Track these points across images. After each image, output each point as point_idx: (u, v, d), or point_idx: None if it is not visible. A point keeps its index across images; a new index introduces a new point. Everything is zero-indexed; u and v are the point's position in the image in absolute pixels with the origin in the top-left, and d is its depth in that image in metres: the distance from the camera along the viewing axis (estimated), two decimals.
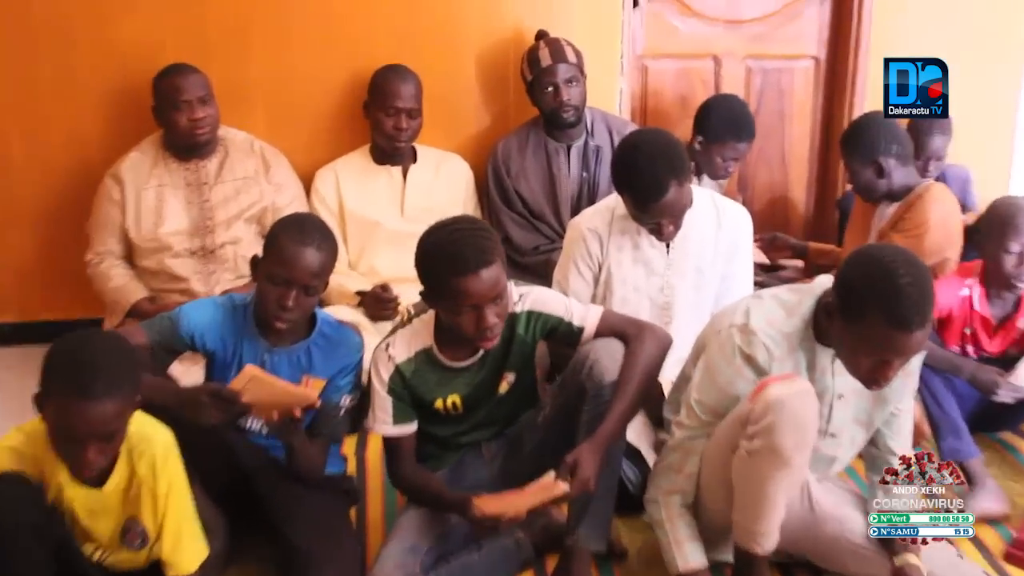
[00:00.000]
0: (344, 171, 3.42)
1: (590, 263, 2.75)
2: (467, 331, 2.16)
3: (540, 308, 2.31)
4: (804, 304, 2.12)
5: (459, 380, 2.32)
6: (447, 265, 2.11)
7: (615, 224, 2.72)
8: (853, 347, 2.00)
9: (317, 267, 2.25)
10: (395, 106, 3.30)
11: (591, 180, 3.47)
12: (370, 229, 3.38)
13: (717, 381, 2.16)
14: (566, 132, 3.45)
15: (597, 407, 2.23)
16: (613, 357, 2.25)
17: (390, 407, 2.29)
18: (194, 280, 3.21)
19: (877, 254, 2.01)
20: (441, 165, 3.48)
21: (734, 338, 2.13)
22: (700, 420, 2.20)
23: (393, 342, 2.30)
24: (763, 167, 4.07)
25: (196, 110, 3.13)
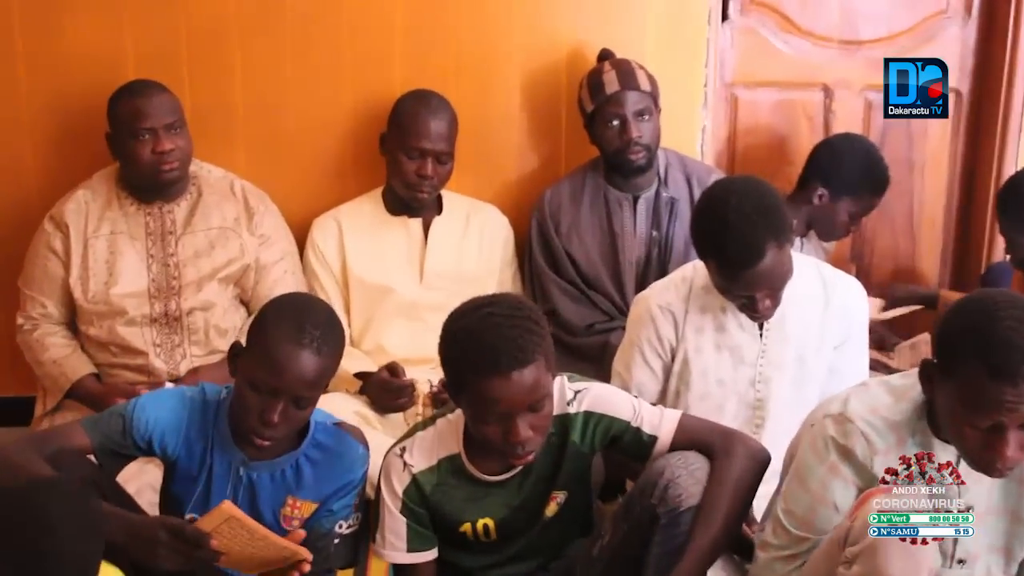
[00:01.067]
0: (349, 221, 3.48)
1: (660, 350, 2.82)
2: (494, 442, 2.21)
3: (601, 409, 2.36)
4: (916, 388, 2.18)
5: (494, 498, 2.37)
6: (472, 360, 2.16)
7: (694, 299, 2.79)
8: (955, 414, 2.05)
9: (314, 376, 2.27)
10: (419, 147, 3.36)
11: (663, 241, 3.51)
12: (379, 297, 3.44)
13: (808, 484, 2.21)
14: (633, 180, 3.51)
15: (673, 540, 2.27)
16: (695, 476, 2.29)
17: (404, 529, 2.34)
18: (153, 354, 3.26)
19: (980, 295, 2.10)
20: (472, 218, 3.55)
21: (827, 429, 2.19)
22: (789, 536, 2.24)
23: (410, 446, 2.35)
24: (884, 230, 4.13)
25: (162, 140, 3.18)
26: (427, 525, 2.36)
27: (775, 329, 2.78)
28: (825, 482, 2.19)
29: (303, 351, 2.25)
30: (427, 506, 2.34)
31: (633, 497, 2.36)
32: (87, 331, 3.30)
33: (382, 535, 2.37)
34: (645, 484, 2.33)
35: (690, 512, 2.27)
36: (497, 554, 2.44)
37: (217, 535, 2.13)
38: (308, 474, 2.40)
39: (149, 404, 2.40)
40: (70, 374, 3.25)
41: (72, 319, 3.34)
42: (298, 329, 2.27)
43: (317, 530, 2.37)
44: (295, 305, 2.41)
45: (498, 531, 2.39)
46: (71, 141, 3.53)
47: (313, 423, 2.42)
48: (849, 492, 2.18)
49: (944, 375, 2.06)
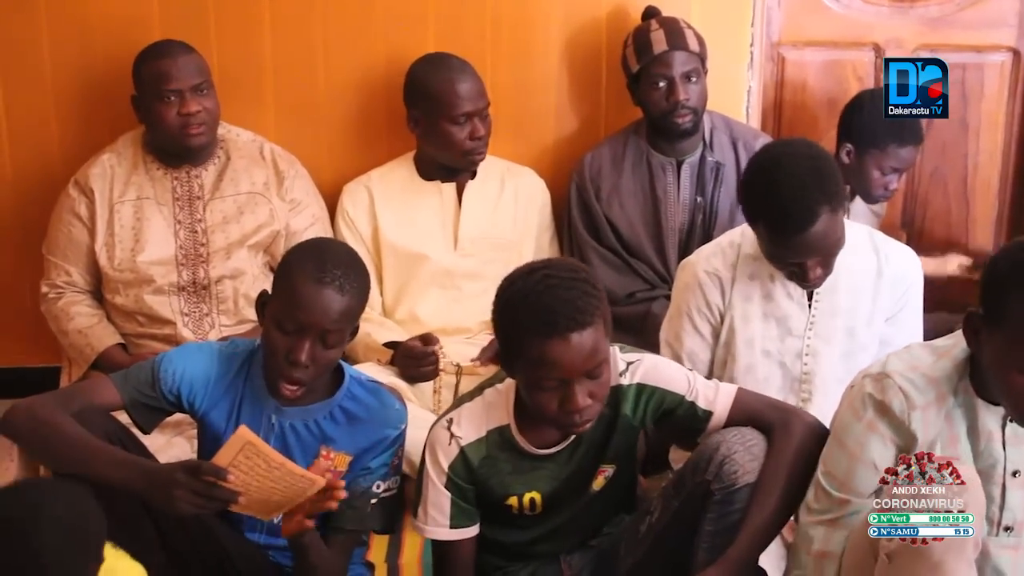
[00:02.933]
0: (381, 187, 3.46)
1: (710, 316, 2.77)
2: (548, 412, 2.17)
3: (655, 382, 2.32)
4: (960, 345, 2.13)
5: (542, 472, 2.33)
6: (528, 323, 2.12)
7: (741, 266, 2.74)
8: (1004, 362, 2.00)
9: (339, 311, 2.26)
10: (466, 112, 3.31)
11: (708, 207, 3.49)
12: (413, 264, 3.42)
13: (846, 443, 2.18)
14: (677, 143, 3.48)
15: (727, 517, 2.24)
16: (751, 452, 2.25)
17: (448, 505, 2.31)
18: (181, 324, 3.26)
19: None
20: (508, 181, 3.52)
21: (865, 387, 2.16)
22: (830, 499, 2.20)
23: (458, 418, 2.31)
24: (937, 195, 4.07)
25: (189, 103, 3.18)
26: (471, 501, 2.33)
27: (825, 300, 2.73)
28: (862, 440, 2.16)
29: (326, 287, 2.25)
30: (474, 480, 2.31)
31: (686, 473, 2.33)
32: (113, 300, 3.29)
33: (424, 510, 2.33)
34: (699, 460, 2.29)
35: (746, 489, 2.23)
36: (540, 528, 2.40)
37: (234, 469, 2.10)
38: (343, 425, 2.37)
39: (176, 357, 2.40)
40: (96, 344, 3.24)
41: (98, 287, 3.34)
42: (320, 267, 2.27)
43: (354, 488, 2.33)
44: (317, 247, 2.44)
45: (544, 505, 2.36)
46: (96, 104, 3.51)
47: (348, 376, 2.41)
48: (888, 450, 2.14)
49: (992, 322, 2.01)
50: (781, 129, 3.93)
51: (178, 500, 2.09)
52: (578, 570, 2.44)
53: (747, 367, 2.75)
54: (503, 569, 2.44)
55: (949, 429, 2.13)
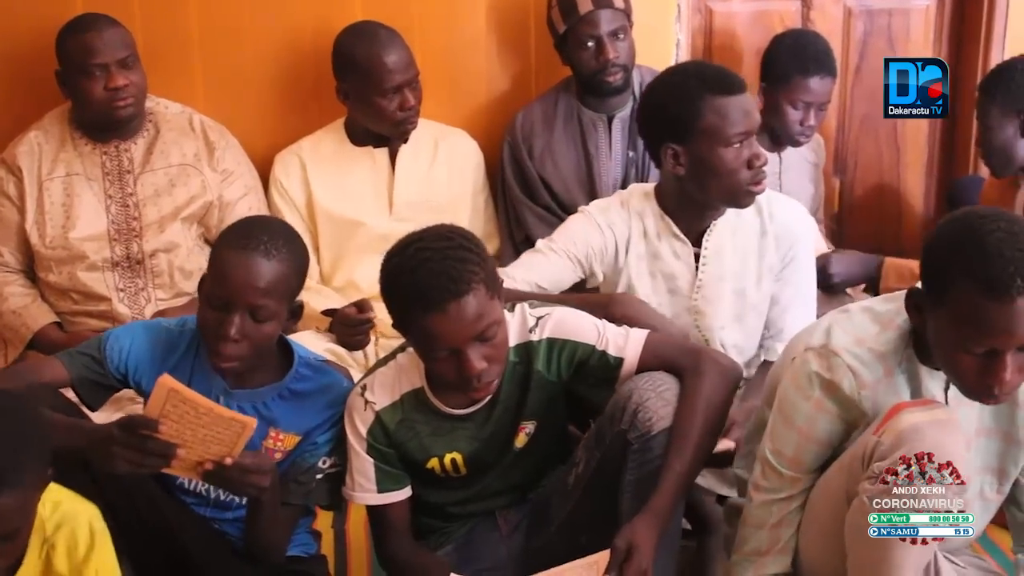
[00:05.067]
0: (313, 155, 3.44)
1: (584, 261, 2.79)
2: (449, 379, 2.18)
3: (564, 335, 2.31)
4: (903, 313, 2.13)
5: (461, 432, 2.33)
6: (406, 299, 2.13)
7: (635, 222, 2.77)
8: (948, 342, 2.00)
9: (267, 281, 2.22)
10: (395, 84, 3.28)
11: (640, 161, 3.48)
12: (349, 231, 3.40)
13: (794, 422, 2.16)
14: (608, 100, 3.47)
15: (647, 465, 2.24)
16: (664, 398, 2.25)
17: (372, 470, 2.31)
18: (116, 300, 3.23)
19: (962, 213, 2.04)
20: (441, 144, 3.50)
21: (810, 363, 2.14)
22: (782, 477, 2.19)
23: (371, 383, 2.31)
24: (868, 142, 4.09)
25: (116, 77, 3.14)
26: (395, 464, 2.32)
27: (712, 262, 2.76)
28: (812, 419, 2.14)
29: (251, 256, 2.22)
30: (393, 444, 2.31)
31: (603, 424, 2.32)
32: (46, 278, 3.26)
33: (351, 477, 2.33)
34: (614, 410, 2.29)
35: (662, 435, 2.22)
36: (468, 489, 2.40)
37: (165, 419, 2.07)
38: (292, 405, 2.36)
39: (123, 334, 2.38)
40: (31, 324, 3.21)
41: (30, 266, 3.30)
42: (245, 236, 2.25)
43: (300, 464, 2.34)
44: (247, 220, 2.44)
45: (467, 465, 2.36)
46: (19, 81, 3.47)
47: (297, 356, 2.39)
48: (837, 427, 2.14)
49: (934, 301, 2.01)
50: None
51: (116, 457, 2.07)
52: (515, 525, 2.44)
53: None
54: (442, 530, 2.44)
55: (894, 397, 2.12)
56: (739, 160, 2.60)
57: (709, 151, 2.60)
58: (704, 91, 2.58)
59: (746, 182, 2.62)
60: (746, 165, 2.60)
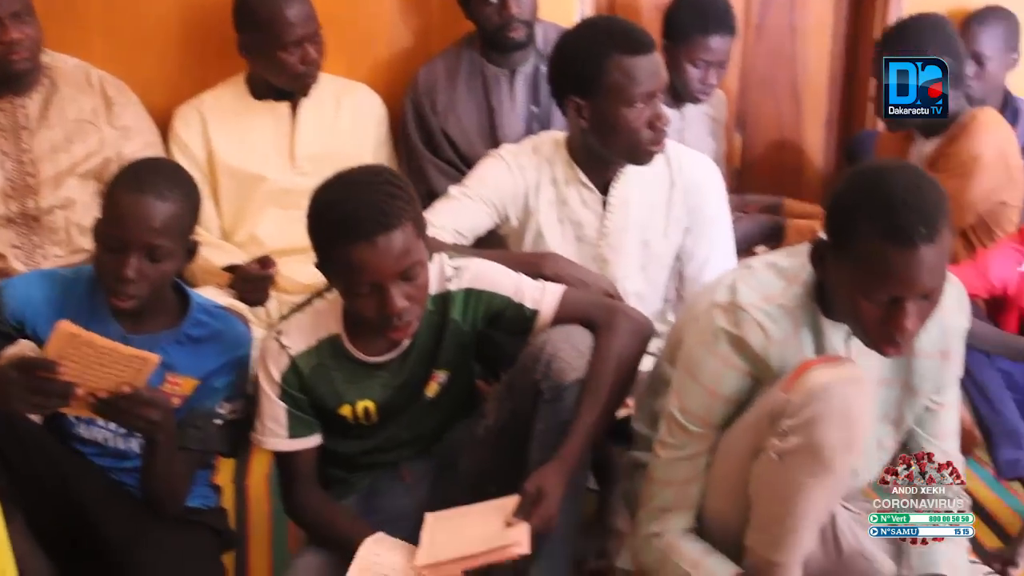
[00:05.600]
0: (213, 110, 3.40)
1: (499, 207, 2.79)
2: (369, 317, 2.18)
3: (482, 285, 2.33)
4: (807, 268, 2.15)
5: (375, 380, 2.33)
6: (334, 230, 2.13)
7: (543, 168, 2.77)
8: (852, 290, 2.02)
9: (162, 220, 2.22)
10: (295, 38, 3.24)
11: (543, 115, 3.48)
12: (250, 185, 3.37)
13: (700, 379, 2.17)
14: (510, 55, 3.47)
15: (558, 415, 2.26)
16: (577, 349, 2.27)
17: (284, 415, 2.30)
18: (12, 257, 3.18)
19: (867, 165, 2.09)
20: (343, 99, 3.47)
21: (716, 320, 2.14)
22: (689, 433, 2.20)
23: (287, 328, 2.31)
24: (768, 99, 4.13)
25: (9, 30, 3.08)
26: (307, 410, 2.32)
27: (618, 211, 2.77)
28: (718, 375, 2.15)
29: (145, 197, 2.22)
30: (306, 389, 2.30)
31: (516, 374, 2.34)
32: None
33: (262, 422, 2.33)
34: (527, 360, 2.30)
35: (574, 386, 2.26)
36: (378, 437, 2.40)
37: (64, 360, 2.07)
38: (189, 350, 2.35)
39: (19, 283, 2.37)
40: None
41: None
42: (136, 178, 2.25)
43: (198, 408, 2.34)
44: (138, 162, 2.41)
45: (379, 413, 2.36)
46: None
47: (194, 302, 2.39)
48: (744, 382, 2.15)
49: (838, 251, 2.03)
50: None
51: (13, 398, 2.06)
52: (419, 477, 2.45)
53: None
54: (345, 481, 2.44)
55: (799, 350, 2.14)
56: (641, 119, 2.60)
57: (612, 108, 2.61)
58: (611, 49, 2.59)
59: (646, 141, 2.63)
60: (647, 125, 2.61)
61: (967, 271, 2.91)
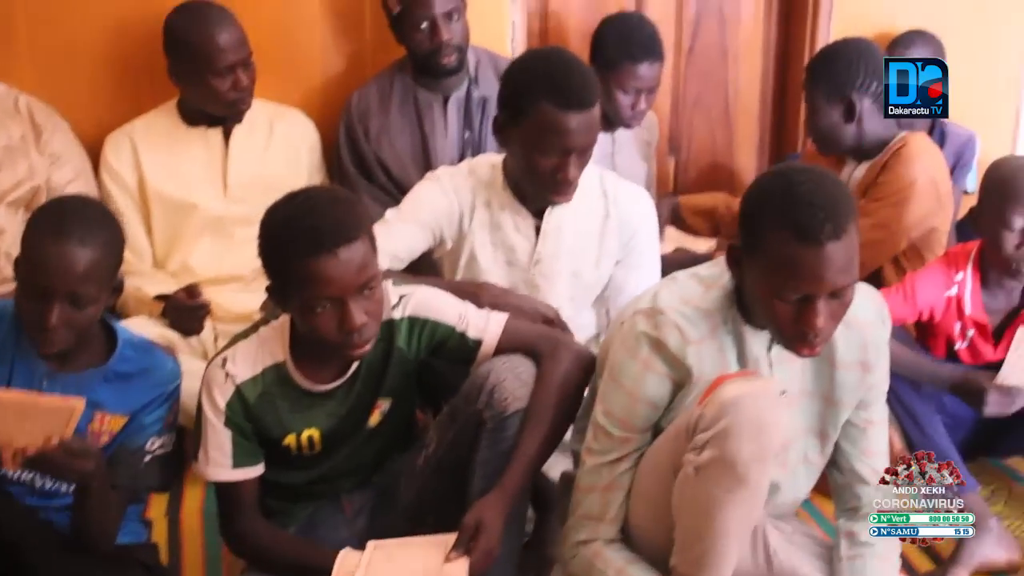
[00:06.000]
0: (144, 136, 3.37)
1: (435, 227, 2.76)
2: (328, 335, 2.16)
3: (426, 314, 2.33)
4: (726, 275, 2.18)
5: (321, 409, 2.33)
6: (295, 245, 2.10)
7: (479, 191, 2.76)
8: (765, 290, 2.05)
9: (85, 267, 2.17)
10: (228, 64, 3.23)
11: (476, 141, 3.49)
12: (182, 213, 3.34)
13: (622, 382, 2.19)
14: (443, 80, 3.47)
15: (500, 444, 2.26)
16: (520, 379, 2.28)
17: (228, 444, 2.28)
18: None
19: (774, 169, 2.12)
20: (276, 125, 3.46)
21: (637, 324, 2.17)
22: (612, 438, 2.21)
23: (233, 356, 2.29)
24: (701, 120, 4.16)
25: None
26: (252, 439, 2.30)
27: (550, 239, 2.76)
28: (639, 378, 2.17)
29: (66, 243, 2.17)
30: (251, 418, 2.28)
31: (458, 403, 2.34)
32: None
33: (205, 452, 2.29)
34: (470, 389, 2.31)
35: (516, 416, 2.26)
36: (319, 468, 2.39)
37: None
38: (116, 387, 2.32)
39: None
40: None
41: None
42: (57, 223, 2.20)
43: (127, 445, 2.31)
44: (56, 203, 2.37)
45: (323, 442, 2.35)
46: None
47: (121, 338, 2.35)
48: (664, 386, 2.17)
49: (751, 252, 2.06)
50: None
51: None
52: (359, 508, 2.45)
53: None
54: (285, 512, 2.42)
55: (721, 358, 2.16)
56: (547, 167, 2.59)
57: (526, 147, 2.60)
58: (542, 95, 2.55)
59: (547, 188, 2.63)
60: (551, 175, 2.60)
61: (895, 297, 2.93)
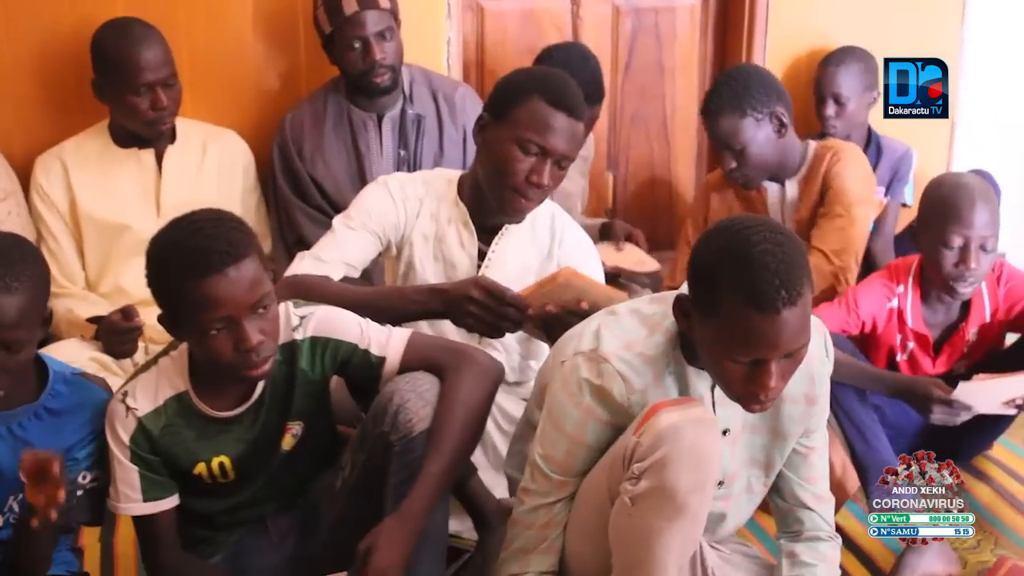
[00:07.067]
0: (75, 158, 3.34)
1: (382, 233, 2.74)
2: (225, 357, 2.14)
3: (327, 333, 2.30)
4: (670, 316, 2.15)
5: (228, 435, 2.30)
6: (184, 268, 2.09)
7: (427, 203, 2.74)
8: (716, 350, 2.04)
9: (13, 316, 2.12)
10: (146, 82, 3.20)
11: (411, 159, 3.49)
12: (115, 235, 3.32)
13: (564, 428, 2.17)
14: (377, 99, 3.47)
15: (409, 466, 2.23)
16: (424, 398, 2.25)
17: (136, 479, 2.26)
18: None
19: (730, 223, 2.08)
20: (209, 145, 3.44)
21: (580, 370, 2.14)
22: (550, 481, 2.20)
23: (132, 390, 2.27)
24: (639, 136, 4.17)
25: None
26: (160, 471, 2.28)
27: (494, 264, 2.75)
28: (581, 425, 2.16)
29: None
30: (157, 450, 2.27)
31: (366, 426, 2.32)
32: None
33: (115, 487, 2.28)
34: (376, 411, 2.29)
35: (422, 436, 2.24)
36: (239, 494, 2.37)
37: None
38: (48, 424, 2.28)
39: None
40: None
41: None
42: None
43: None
44: None
45: (235, 469, 2.33)
46: None
47: (52, 373, 2.31)
48: (606, 432, 2.15)
49: (703, 311, 2.03)
50: (484, 79, 3.96)
51: None
52: (285, 532, 2.43)
53: None
54: (211, 540, 2.41)
55: (663, 398, 2.13)
56: (523, 166, 2.58)
57: (505, 141, 2.58)
58: (539, 91, 2.58)
59: (516, 189, 2.61)
60: (526, 176, 2.59)
61: (838, 309, 2.97)
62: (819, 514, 2.33)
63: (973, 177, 3.02)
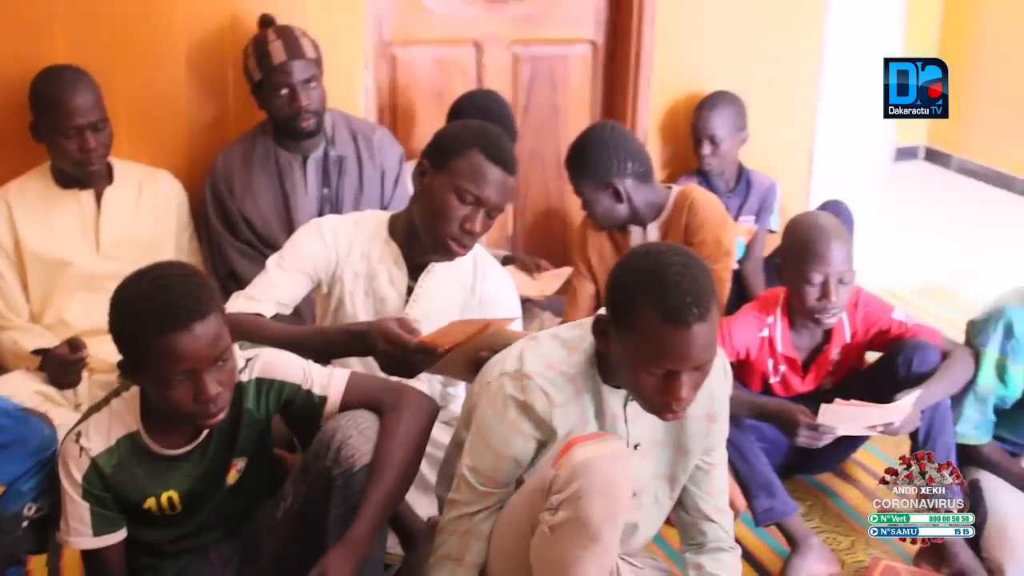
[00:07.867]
0: (18, 199, 3.33)
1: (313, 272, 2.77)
2: (183, 407, 2.13)
3: (272, 374, 2.31)
4: (587, 339, 2.22)
5: (178, 472, 2.30)
6: (150, 323, 2.07)
7: (357, 242, 2.77)
8: (632, 363, 2.09)
9: None
10: (74, 125, 3.20)
11: (333, 197, 3.55)
12: (57, 271, 3.31)
13: (490, 442, 2.22)
14: (302, 142, 3.51)
15: (350, 500, 2.26)
16: (365, 435, 2.28)
17: (87, 515, 2.25)
18: None
19: (646, 249, 2.16)
20: (145, 185, 3.44)
21: (505, 388, 2.20)
22: (476, 492, 2.24)
23: (86, 430, 2.24)
24: (536, 171, 4.29)
25: None
26: (111, 507, 2.28)
27: (421, 300, 2.78)
28: (507, 439, 2.21)
29: None
30: (109, 488, 2.26)
31: (309, 459, 2.33)
32: None
33: (66, 522, 2.27)
34: (319, 447, 2.30)
35: (363, 471, 2.26)
36: (183, 526, 2.38)
37: None
38: None
39: None
40: None
41: None
42: None
43: (4, 513, 2.29)
44: None
45: (183, 502, 2.33)
46: None
47: None
48: (529, 446, 2.22)
49: (619, 327, 2.10)
50: (397, 121, 4.06)
51: None
52: (227, 558, 2.45)
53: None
54: (155, 567, 2.41)
55: (582, 416, 2.21)
56: (458, 214, 2.63)
57: (443, 190, 2.63)
58: (476, 144, 2.62)
59: (451, 236, 2.65)
60: (460, 224, 2.63)
61: None
62: (720, 525, 2.42)
63: (827, 217, 3.11)
